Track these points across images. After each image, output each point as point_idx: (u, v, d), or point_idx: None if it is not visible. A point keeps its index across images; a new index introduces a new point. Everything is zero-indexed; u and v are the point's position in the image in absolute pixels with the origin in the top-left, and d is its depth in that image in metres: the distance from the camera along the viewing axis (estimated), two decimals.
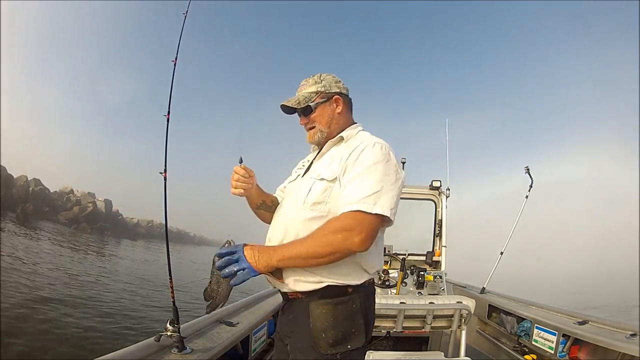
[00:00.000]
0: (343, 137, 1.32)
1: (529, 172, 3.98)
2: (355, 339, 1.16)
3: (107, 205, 45.22)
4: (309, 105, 1.33)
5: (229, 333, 2.07)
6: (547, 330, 2.83)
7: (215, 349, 1.81)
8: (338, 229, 1.08)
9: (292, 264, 1.15)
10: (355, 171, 1.16)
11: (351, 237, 1.07)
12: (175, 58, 1.94)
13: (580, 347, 2.59)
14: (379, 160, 1.17)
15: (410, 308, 2.57)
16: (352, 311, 1.17)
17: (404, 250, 3.64)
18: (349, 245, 1.07)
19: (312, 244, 1.10)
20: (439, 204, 3.83)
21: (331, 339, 1.13)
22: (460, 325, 2.62)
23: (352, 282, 1.18)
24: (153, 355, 1.59)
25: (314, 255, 1.10)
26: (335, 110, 1.35)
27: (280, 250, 1.13)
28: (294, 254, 1.11)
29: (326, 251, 1.08)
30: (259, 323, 2.50)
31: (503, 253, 4.04)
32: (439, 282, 3.34)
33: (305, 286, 1.18)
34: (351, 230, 1.07)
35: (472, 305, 2.59)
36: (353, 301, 1.18)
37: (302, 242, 1.13)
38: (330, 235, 1.08)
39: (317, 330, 1.15)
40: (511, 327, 3.35)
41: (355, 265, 1.18)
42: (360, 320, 1.18)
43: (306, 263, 1.13)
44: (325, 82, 1.35)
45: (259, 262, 1.11)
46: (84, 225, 35.26)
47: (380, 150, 1.20)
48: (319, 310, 1.16)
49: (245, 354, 2.28)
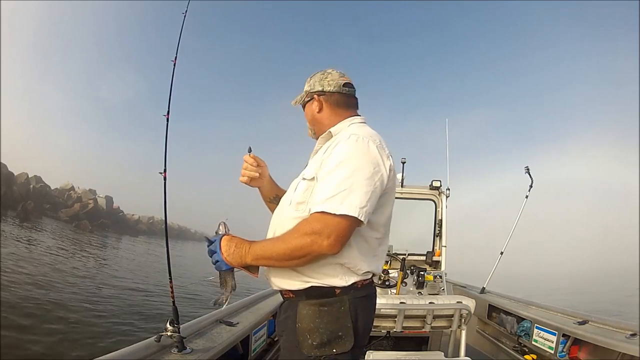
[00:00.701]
0: (331, 133, 1.30)
1: (529, 172, 3.98)
2: (341, 343, 1.11)
3: (108, 201, 45.33)
4: (301, 105, 1.40)
5: (229, 333, 2.07)
6: (547, 330, 2.83)
7: (215, 349, 1.81)
8: (307, 232, 1.06)
9: (265, 264, 1.16)
10: (326, 169, 1.13)
11: (319, 241, 1.04)
12: (175, 58, 1.93)
13: (580, 347, 2.59)
14: (352, 154, 1.12)
15: (410, 308, 2.57)
16: (338, 313, 1.12)
17: (404, 250, 3.64)
18: (318, 249, 1.04)
19: (283, 247, 1.09)
20: (439, 204, 3.82)
21: (316, 341, 1.10)
22: (460, 325, 2.63)
23: (338, 283, 1.14)
24: (153, 355, 1.60)
25: (284, 259, 1.10)
26: (314, 111, 1.35)
27: (255, 250, 1.13)
28: (267, 255, 1.12)
29: (296, 254, 1.07)
30: (259, 323, 2.50)
31: (503, 253, 4.04)
32: (439, 282, 3.34)
33: (292, 284, 1.17)
34: (319, 233, 1.04)
35: (472, 305, 2.59)
36: (341, 303, 1.13)
37: (274, 244, 1.13)
38: (300, 239, 1.06)
39: (302, 331, 1.13)
40: (511, 327, 3.35)
41: (339, 266, 1.14)
42: (348, 324, 1.12)
43: (279, 265, 1.15)
44: (312, 82, 1.37)
45: (233, 257, 1.13)
46: (85, 222, 35.33)
47: (355, 142, 1.14)
48: (305, 311, 1.14)
49: (245, 354, 2.29)
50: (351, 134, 1.17)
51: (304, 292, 1.15)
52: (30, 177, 36.05)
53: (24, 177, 34.81)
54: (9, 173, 32.00)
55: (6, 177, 30.35)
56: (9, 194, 29.02)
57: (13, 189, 30.78)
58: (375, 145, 1.16)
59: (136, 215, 49.63)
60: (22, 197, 30.61)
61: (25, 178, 34.91)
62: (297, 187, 1.23)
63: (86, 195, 42.35)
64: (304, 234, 1.06)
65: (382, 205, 1.18)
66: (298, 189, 1.22)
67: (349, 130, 1.23)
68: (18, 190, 31.47)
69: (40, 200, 34.17)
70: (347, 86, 1.35)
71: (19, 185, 32.67)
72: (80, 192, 42.44)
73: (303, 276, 1.15)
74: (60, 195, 39.95)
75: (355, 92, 1.39)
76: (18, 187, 32.24)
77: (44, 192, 36.79)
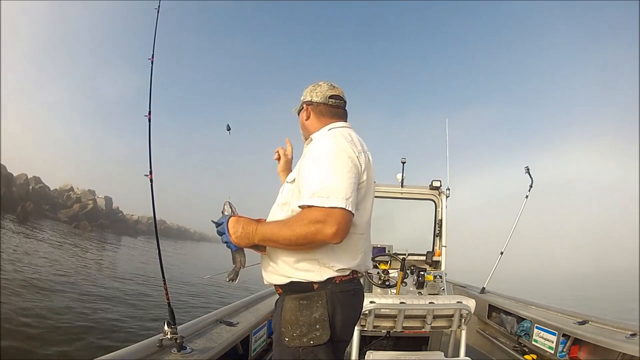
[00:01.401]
0: (312, 138, 1.40)
1: (529, 172, 3.98)
2: (317, 336, 1.18)
3: (107, 202, 45.26)
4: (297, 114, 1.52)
5: (229, 333, 2.07)
6: (547, 330, 2.83)
7: (215, 349, 1.81)
8: (312, 221, 1.11)
9: (272, 245, 1.22)
10: (304, 169, 1.23)
11: (324, 230, 1.10)
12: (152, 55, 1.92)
13: (580, 347, 2.59)
14: (327, 151, 1.22)
15: (410, 308, 2.56)
16: (315, 307, 1.20)
17: (404, 250, 3.63)
18: (322, 238, 1.11)
19: (289, 233, 1.14)
20: (439, 204, 3.82)
21: (295, 332, 1.18)
22: (460, 325, 2.62)
23: (315, 278, 1.21)
24: (153, 355, 1.60)
25: (290, 244, 1.16)
26: (303, 119, 1.48)
27: (262, 231, 1.19)
28: (274, 238, 1.18)
29: (300, 242, 1.13)
30: (259, 323, 2.50)
31: (503, 253, 4.04)
32: (439, 282, 3.34)
33: (277, 279, 1.27)
34: (324, 222, 1.10)
35: (472, 305, 2.59)
36: (319, 297, 1.21)
37: (281, 229, 1.17)
38: (304, 227, 1.12)
39: (285, 323, 1.22)
40: (511, 327, 3.35)
41: (315, 261, 1.22)
42: (325, 317, 1.19)
43: (286, 248, 1.21)
44: (305, 93, 1.50)
45: (240, 238, 1.20)
46: (84, 222, 35.25)
47: (328, 140, 1.26)
48: (289, 305, 1.23)
49: (245, 354, 2.28)
50: (324, 134, 1.33)
51: (288, 287, 1.25)
52: (30, 178, 35.99)
53: (23, 178, 34.75)
54: (9, 174, 31.95)
55: (5, 178, 30.31)
56: (9, 194, 28.98)
57: (12, 190, 30.74)
58: (347, 140, 1.26)
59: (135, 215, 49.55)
60: (21, 198, 30.56)
61: (24, 179, 34.86)
62: (283, 189, 1.38)
63: (85, 195, 42.28)
64: (309, 223, 1.12)
65: (361, 200, 1.26)
66: (283, 192, 1.37)
67: (322, 133, 1.37)
68: (17, 191, 31.43)
69: (40, 201, 34.10)
70: (333, 98, 1.45)
71: (18, 186, 32.62)
72: (80, 193, 42.37)
73: (284, 272, 1.25)
74: (60, 196, 39.89)
75: (345, 104, 1.50)
76: (17, 188, 32.20)
77: (44, 193, 36.73)
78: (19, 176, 34.35)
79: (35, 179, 36.86)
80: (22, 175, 34.92)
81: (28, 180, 35.34)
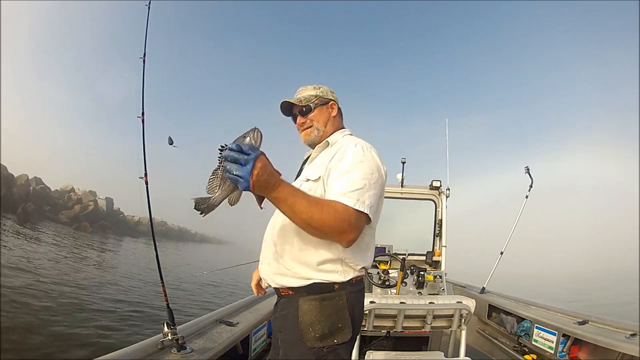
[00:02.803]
0: (329, 142, 1.41)
1: (529, 172, 3.98)
2: (341, 334, 1.20)
3: (108, 203, 45.26)
4: (309, 105, 1.43)
5: (229, 333, 2.08)
6: (547, 330, 2.83)
7: (215, 349, 1.82)
8: (345, 219, 1.10)
9: (283, 208, 1.08)
10: (340, 170, 1.22)
11: (349, 232, 1.11)
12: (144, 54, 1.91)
13: (580, 347, 2.59)
14: (361, 159, 1.24)
15: (410, 308, 2.56)
16: (338, 307, 1.21)
17: (404, 250, 3.64)
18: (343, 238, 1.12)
19: (316, 213, 1.07)
20: (439, 204, 3.82)
21: (318, 333, 1.18)
22: (460, 325, 2.62)
23: (338, 279, 1.23)
24: (153, 355, 1.60)
25: (309, 223, 1.08)
26: (331, 114, 1.46)
27: (287, 191, 1.06)
28: (294, 204, 1.06)
29: (322, 228, 1.09)
30: (259, 323, 2.50)
31: (503, 253, 4.04)
32: (439, 282, 3.34)
33: (293, 282, 1.24)
34: (350, 224, 1.11)
35: (472, 305, 2.59)
36: (340, 297, 1.22)
37: (311, 205, 1.08)
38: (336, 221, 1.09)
39: (304, 325, 1.20)
40: (511, 327, 3.35)
41: (340, 262, 1.24)
42: (347, 316, 1.22)
43: (294, 218, 1.10)
44: (323, 90, 1.47)
45: (259, 185, 1.00)
46: (85, 224, 35.26)
47: (362, 150, 1.27)
48: (307, 306, 1.21)
49: (245, 354, 2.29)
50: (356, 142, 1.31)
51: (305, 289, 1.23)
52: (30, 179, 36.03)
53: (23, 179, 34.79)
54: (9, 175, 31.98)
55: (6, 179, 30.35)
56: (9, 195, 29.01)
57: (13, 191, 30.77)
58: (376, 154, 1.31)
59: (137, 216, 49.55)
60: (22, 199, 30.59)
61: (25, 180, 34.90)
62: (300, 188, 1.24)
63: (86, 196, 42.31)
64: (341, 219, 1.10)
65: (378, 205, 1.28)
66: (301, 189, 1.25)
67: (351, 140, 1.36)
68: (18, 192, 31.46)
69: (41, 202, 34.13)
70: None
71: (19, 187, 32.65)
72: (81, 194, 42.39)
73: (304, 274, 1.23)
74: (61, 197, 39.92)
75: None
76: (18, 188, 32.24)
77: (44, 194, 36.75)
78: (20, 177, 34.39)
79: (36, 179, 36.90)
80: (23, 176, 34.96)
81: (29, 181, 35.38)
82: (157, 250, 1.97)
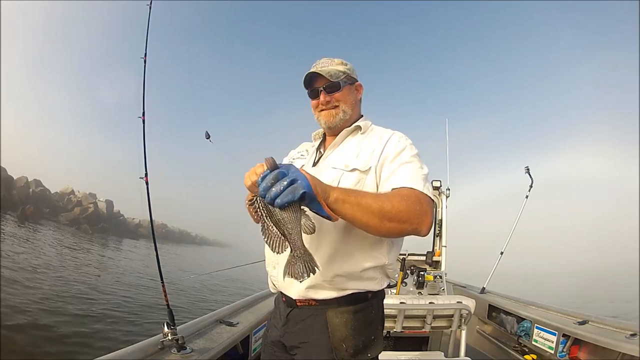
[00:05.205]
0: (360, 127, 1.25)
1: (529, 172, 3.99)
2: (375, 347, 1.10)
3: (109, 205, 45.25)
4: (338, 82, 1.22)
5: (229, 333, 2.07)
6: (547, 330, 2.83)
7: (215, 349, 1.81)
8: (415, 200, 0.97)
9: (350, 210, 0.90)
10: (400, 160, 1.11)
11: (426, 214, 0.97)
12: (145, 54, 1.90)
13: (580, 347, 2.59)
14: (416, 152, 1.16)
15: (410, 308, 2.57)
16: (371, 318, 1.11)
17: (404, 250, 3.64)
18: (422, 221, 0.96)
19: (386, 202, 0.93)
20: (439, 204, 3.83)
21: (352, 349, 1.06)
22: (460, 325, 2.62)
23: (374, 287, 1.12)
24: (153, 355, 1.60)
25: (384, 215, 0.91)
26: (357, 96, 1.30)
27: (341, 189, 0.92)
28: (360, 201, 0.91)
29: (400, 217, 0.93)
30: (259, 323, 2.50)
31: (503, 253, 4.05)
32: (439, 282, 3.34)
33: (328, 294, 1.08)
34: (427, 205, 1.00)
35: (472, 305, 2.59)
36: (372, 307, 1.12)
37: (373, 196, 0.96)
38: (409, 203, 0.95)
39: (337, 340, 1.06)
40: (511, 327, 3.35)
41: (380, 269, 1.12)
42: (379, 327, 1.14)
43: (368, 218, 0.91)
44: (350, 67, 1.28)
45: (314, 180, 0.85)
46: (85, 226, 35.25)
47: (412, 144, 1.18)
48: (338, 319, 1.07)
49: (245, 354, 2.28)
50: (401, 134, 1.21)
51: (336, 300, 1.08)
52: (30, 181, 36.03)
53: (23, 181, 34.78)
54: (9, 177, 31.97)
55: (5, 181, 30.33)
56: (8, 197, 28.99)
57: (12, 193, 30.75)
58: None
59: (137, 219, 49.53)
60: (21, 201, 30.57)
61: (24, 182, 34.89)
62: (341, 179, 1.11)
63: (86, 199, 42.28)
64: (413, 201, 0.97)
65: None
66: (344, 182, 1.10)
67: (389, 130, 1.24)
68: (17, 194, 31.44)
69: (40, 204, 34.11)
70: None
71: (18, 189, 32.64)
72: (81, 196, 42.38)
73: (342, 284, 1.07)
74: (60, 199, 39.91)
75: None
76: (17, 191, 32.21)
77: (44, 196, 36.74)
78: (19, 179, 34.38)
79: (35, 182, 36.89)
80: (22, 178, 34.95)
81: (28, 183, 35.37)
82: (157, 250, 1.97)
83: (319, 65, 1.24)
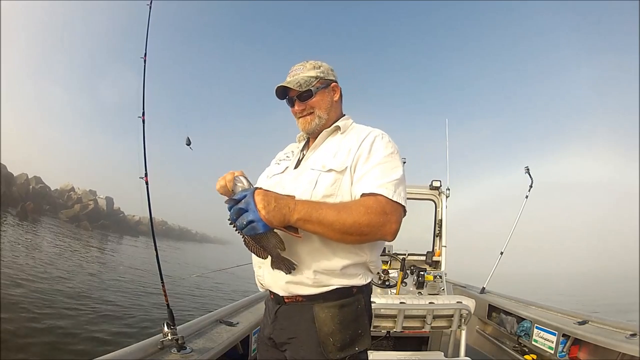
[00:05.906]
0: (340, 127, 1.27)
1: (529, 172, 3.99)
2: (362, 341, 1.12)
3: (109, 202, 45.32)
4: (310, 90, 1.24)
5: (229, 333, 2.08)
6: (547, 330, 2.83)
7: (215, 349, 1.81)
8: (379, 212, 1.01)
9: (312, 228, 0.99)
10: (371, 162, 1.12)
11: (389, 224, 1.03)
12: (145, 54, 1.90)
13: (580, 347, 2.59)
14: (392, 151, 1.16)
15: (410, 308, 2.57)
16: (357, 312, 1.13)
17: (404, 250, 3.64)
18: (386, 231, 1.03)
19: (345, 217, 0.98)
20: (439, 204, 3.82)
21: (339, 343, 1.08)
22: (460, 325, 2.62)
23: (359, 282, 1.14)
24: (153, 355, 1.60)
25: (342, 230, 0.98)
26: (333, 98, 1.30)
27: (303, 208, 0.97)
28: (322, 218, 0.97)
29: (361, 230, 0.99)
30: (259, 323, 2.49)
31: (503, 253, 4.05)
32: (439, 282, 3.34)
33: (311, 290, 1.11)
34: (391, 214, 1.03)
35: (472, 305, 2.59)
36: (358, 302, 1.14)
37: (336, 210, 1.00)
38: (371, 215, 1.00)
39: (324, 335, 1.09)
40: (511, 327, 3.35)
41: (362, 265, 1.15)
42: (366, 321, 1.15)
43: (328, 234, 1.00)
44: (324, 69, 1.29)
45: (274, 215, 0.93)
46: (85, 223, 35.29)
47: (389, 142, 1.19)
48: (325, 314, 1.10)
49: (245, 354, 2.28)
50: (382, 133, 1.22)
51: (321, 296, 1.11)
52: (30, 178, 36.07)
53: (23, 178, 34.83)
54: (9, 174, 31.99)
55: (6, 178, 30.34)
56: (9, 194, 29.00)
57: (13, 190, 30.77)
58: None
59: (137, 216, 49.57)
60: (21, 198, 30.59)
61: (25, 179, 34.93)
62: (319, 179, 1.13)
63: (86, 196, 42.36)
64: (376, 213, 1.01)
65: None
66: (321, 182, 1.13)
67: (368, 128, 1.25)
68: (18, 191, 31.47)
69: (40, 201, 34.15)
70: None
71: (18, 186, 32.67)
72: (81, 193, 42.47)
73: (325, 280, 1.10)
74: (60, 196, 39.99)
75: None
76: (18, 187, 32.24)
77: (44, 193, 36.80)
78: (20, 176, 34.42)
79: (35, 178, 36.95)
80: (23, 175, 35.00)
81: (28, 180, 35.42)
82: (157, 250, 1.96)
83: (292, 74, 1.28)
